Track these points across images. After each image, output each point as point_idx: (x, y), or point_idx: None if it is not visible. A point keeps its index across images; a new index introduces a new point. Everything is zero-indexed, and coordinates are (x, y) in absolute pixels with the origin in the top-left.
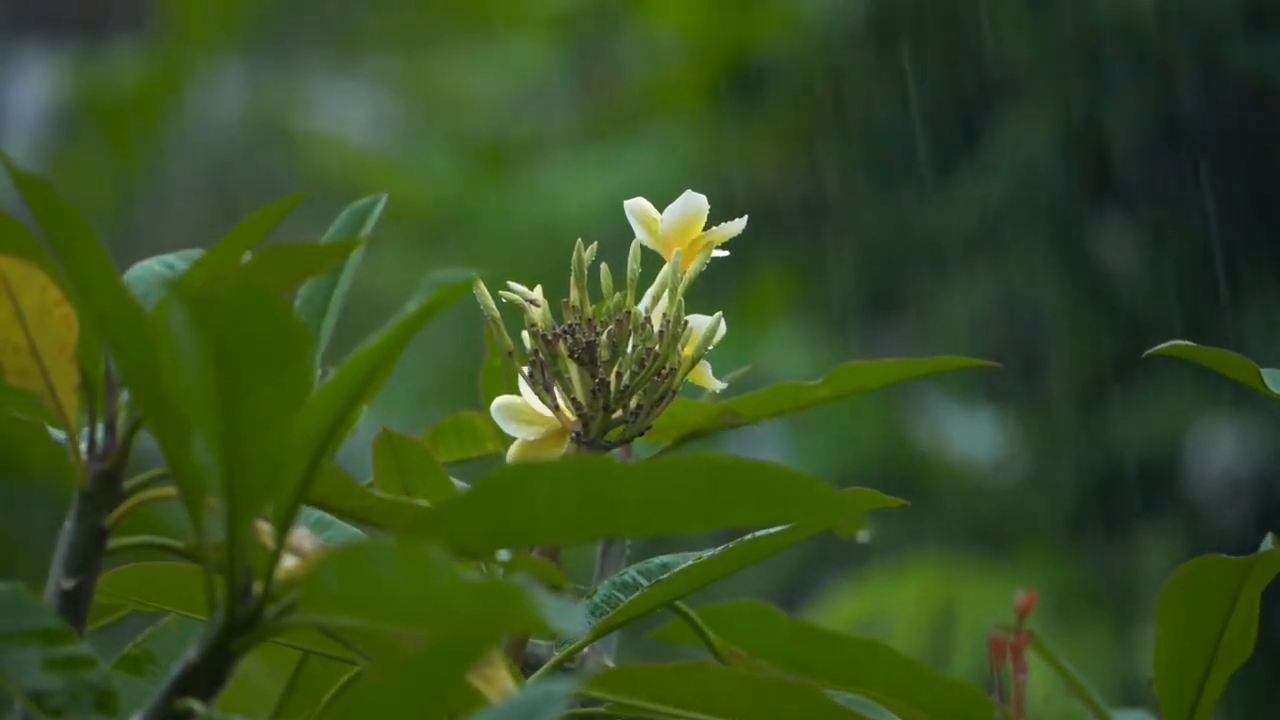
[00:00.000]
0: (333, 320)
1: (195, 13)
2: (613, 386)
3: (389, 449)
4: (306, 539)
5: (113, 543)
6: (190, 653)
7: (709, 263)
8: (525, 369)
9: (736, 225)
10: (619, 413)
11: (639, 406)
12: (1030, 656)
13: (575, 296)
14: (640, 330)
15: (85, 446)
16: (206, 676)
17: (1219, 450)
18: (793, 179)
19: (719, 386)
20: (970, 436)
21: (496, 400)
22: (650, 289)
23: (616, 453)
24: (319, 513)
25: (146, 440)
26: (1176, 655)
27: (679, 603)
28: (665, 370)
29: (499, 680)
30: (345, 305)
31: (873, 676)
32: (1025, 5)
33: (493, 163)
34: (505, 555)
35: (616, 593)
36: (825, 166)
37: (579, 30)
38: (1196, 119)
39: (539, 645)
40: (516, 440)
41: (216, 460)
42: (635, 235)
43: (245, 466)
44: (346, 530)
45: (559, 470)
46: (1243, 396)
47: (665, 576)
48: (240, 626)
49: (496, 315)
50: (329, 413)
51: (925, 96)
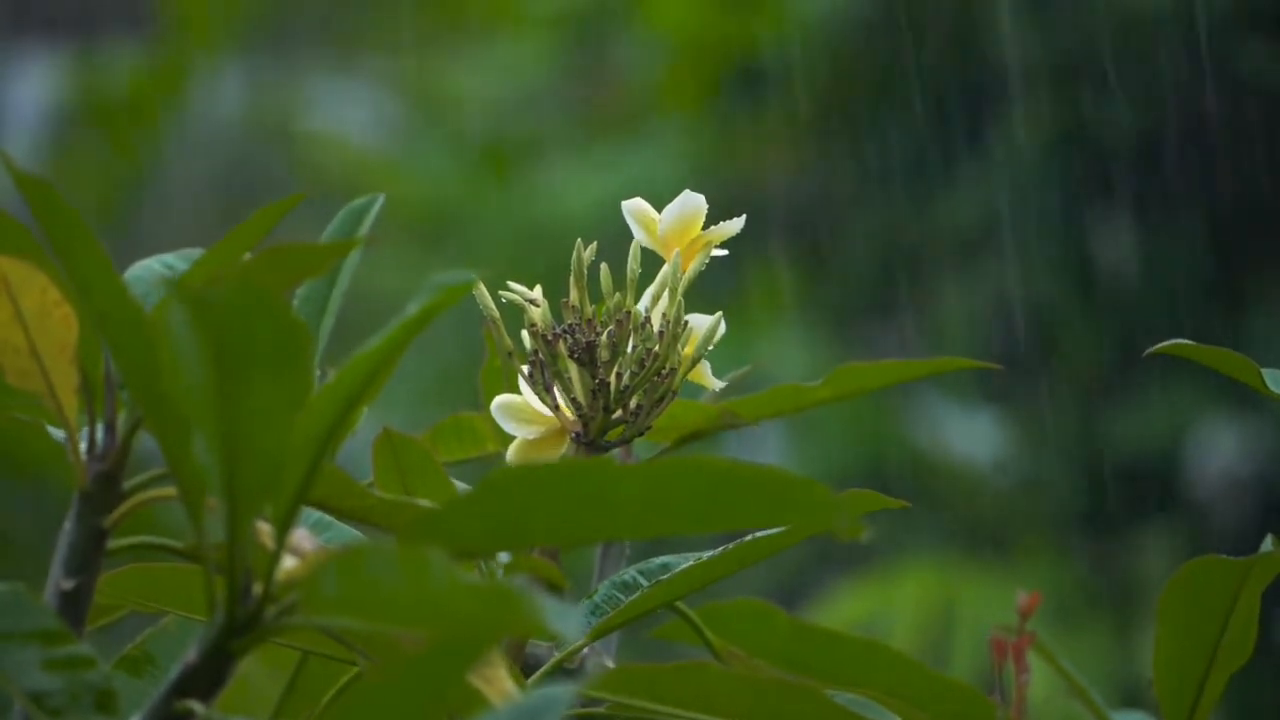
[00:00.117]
0: (331, 320)
1: (195, 13)
2: (613, 387)
3: (389, 449)
4: (306, 540)
5: (112, 543)
6: (190, 653)
7: (709, 263)
8: (525, 369)
9: (735, 224)
10: (619, 413)
11: (639, 407)
12: (1030, 657)
13: (575, 296)
14: (640, 330)
15: (85, 447)
16: (206, 677)
17: (1219, 450)
18: (792, 179)
19: (718, 386)
20: (970, 437)
21: (496, 399)
22: (650, 289)
23: (616, 453)
24: (318, 513)
25: (146, 440)
26: (1176, 655)
27: (678, 602)
28: (665, 370)
29: (499, 681)
30: (344, 305)
31: (873, 676)
32: (1025, 5)
33: (493, 163)
34: (505, 558)
35: (617, 593)
36: (825, 166)
37: (579, 30)
38: (1196, 119)
39: (539, 646)
40: (516, 439)
41: (216, 460)
42: (635, 235)
43: (245, 467)
44: (346, 531)
45: (559, 472)
46: (1243, 396)
47: (665, 577)
48: (240, 627)
49: (496, 315)
50: (329, 414)
51: (925, 96)
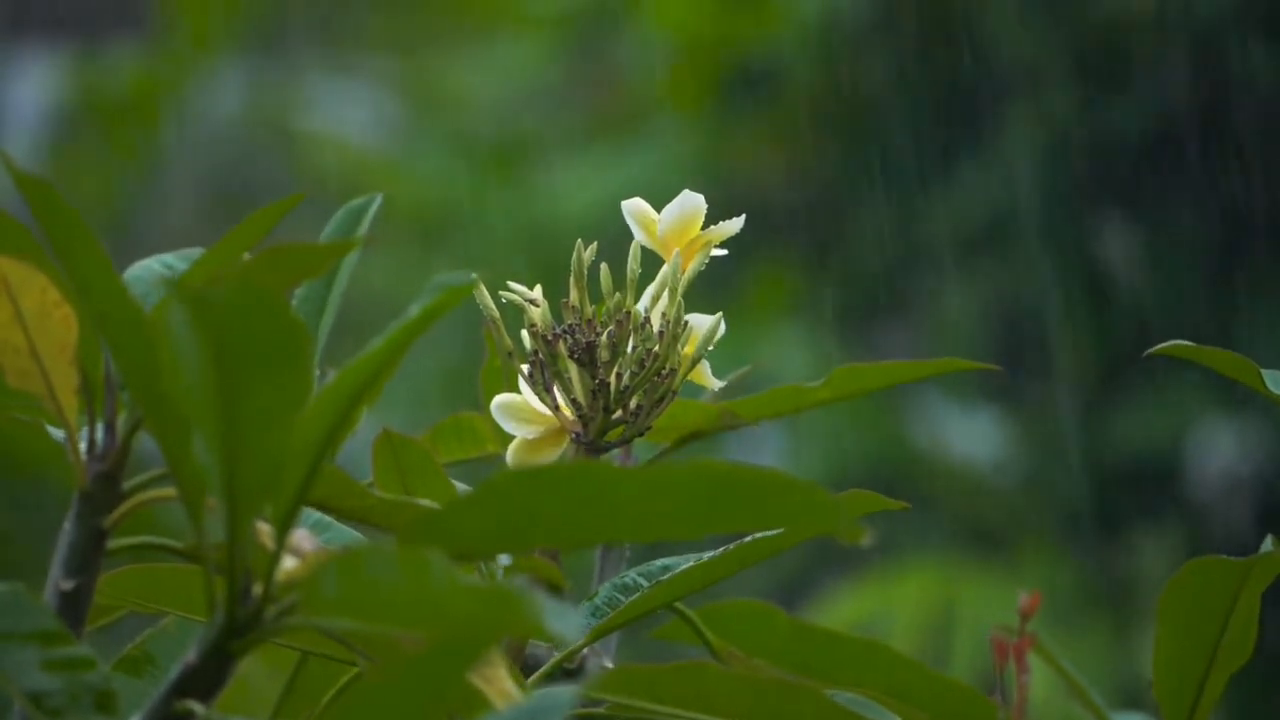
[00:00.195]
0: (330, 320)
1: (195, 13)
2: (613, 387)
3: (389, 449)
4: (306, 540)
5: (112, 543)
6: (189, 654)
7: (709, 263)
8: (525, 369)
9: (734, 224)
10: (619, 413)
11: (639, 407)
12: (1030, 658)
13: (575, 297)
14: (640, 330)
15: (85, 447)
16: (206, 678)
17: (1219, 451)
18: (792, 179)
19: (718, 386)
20: (970, 437)
21: (496, 398)
22: (650, 289)
23: (616, 453)
24: (318, 514)
25: (146, 441)
26: (1176, 656)
27: (678, 603)
28: (665, 371)
29: (499, 681)
30: (344, 305)
31: (872, 676)
32: (1025, 5)
33: (493, 163)
34: (506, 560)
35: (617, 594)
36: (825, 166)
37: (579, 30)
38: (1197, 119)
39: (539, 646)
40: (515, 439)
41: (216, 461)
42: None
43: (245, 467)
44: (346, 531)
45: (560, 474)
46: (1243, 397)
47: (665, 578)
48: (240, 628)
49: (496, 315)
50: (330, 415)
51: (925, 96)
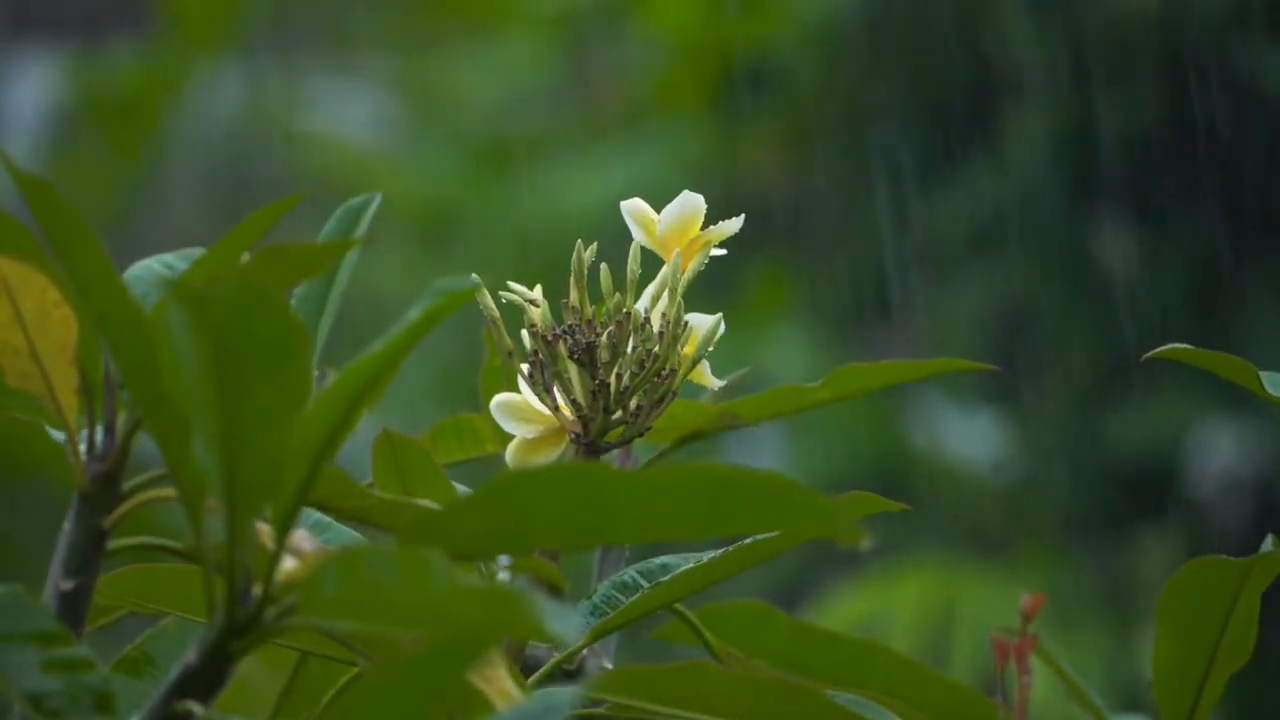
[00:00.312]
0: (330, 320)
1: (195, 13)
2: (613, 387)
3: (388, 449)
4: (306, 540)
5: (112, 544)
6: (189, 655)
7: (709, 263)
8: (525, 369)
9: (734, 224)
10: (619, 414)
11: (639, 408)
12: (1030, 659)
13: (575, 297)
14: (640, 331)
15: (85, 448)
16: (205, 679)
17: (1218, 451)
18: (793, 179)
19: (718, 384)
20: (969, 438)
21: (496, 397)
22: (649, 289)
23: (616, 454)
24: (317, 514)
25: (146, 441)
26: (1176, 657)
27: (678, 604)
28: (665, 371)
29: (499, 681)
30: (343, 305)
31: (872, 677)
32: (1025, 6)
33: (493, 163)
34: (505, 561)
35: (616, 594)
36: (825, 167)
37: (579, 30)
38: (1196, 120)
39: (538, 647)
40: (515, 439)
41: (216, 461)
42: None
43: (244, 467)
44: (346, 532)
45: (560, 476)
46: (1242, 397)
47: (665, 579)
48: (239, 629)
49: (497, 316)
50: (331, 416)
51: (925, 97)
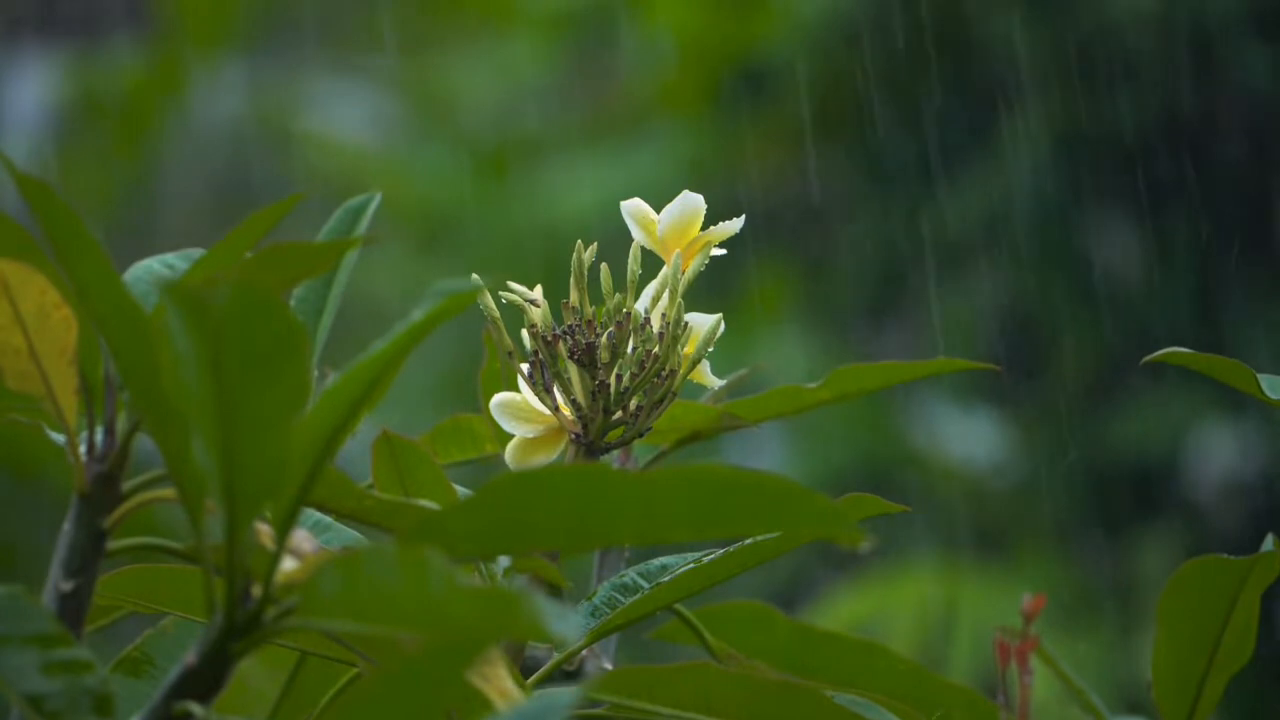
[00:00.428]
0: (329, 320)
1: (195, 12)
2: (613, 388)
3: (388, 451)
4: (306, 541)
5: (112, 544)
6: (189, 655)
7: (709, 263)
8: (525, 369)
9: (734, 224)
10: (619, 414)
11: (639, 408)
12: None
13: (575, 297)
14: (640, 331)
15: (84, 449)
16: (205, 679)
17: (1218, 452)
18: (792, 180)
19: (718, 385)
20: (969, 438)
21: (496, 397)
22: (649, 289)
23: (616, 454)
24: (317, 514)
25: (146, 442)
26: (1176, 657)
27: (677, 604)
28: (665, 372)
29: (499, 680)
30: (343, 304)
31: (872, 678)
32: (1026, 6)
33: (493, 163)
34: (505, 562)
35: (616, 595)
36: (825, 167)
37: (579, 30)
38: (1197, 121)
39: (538, 647)
40: (515, 438)
41: (215, 462)
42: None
43: (244, 468)
44: (345, 533)
45: (560, 477)
46: (1242, 399)
47: (665, 579)
48: (239, 629)
49: (497, 316)
50: (331, 418)
51: (925, 97)
